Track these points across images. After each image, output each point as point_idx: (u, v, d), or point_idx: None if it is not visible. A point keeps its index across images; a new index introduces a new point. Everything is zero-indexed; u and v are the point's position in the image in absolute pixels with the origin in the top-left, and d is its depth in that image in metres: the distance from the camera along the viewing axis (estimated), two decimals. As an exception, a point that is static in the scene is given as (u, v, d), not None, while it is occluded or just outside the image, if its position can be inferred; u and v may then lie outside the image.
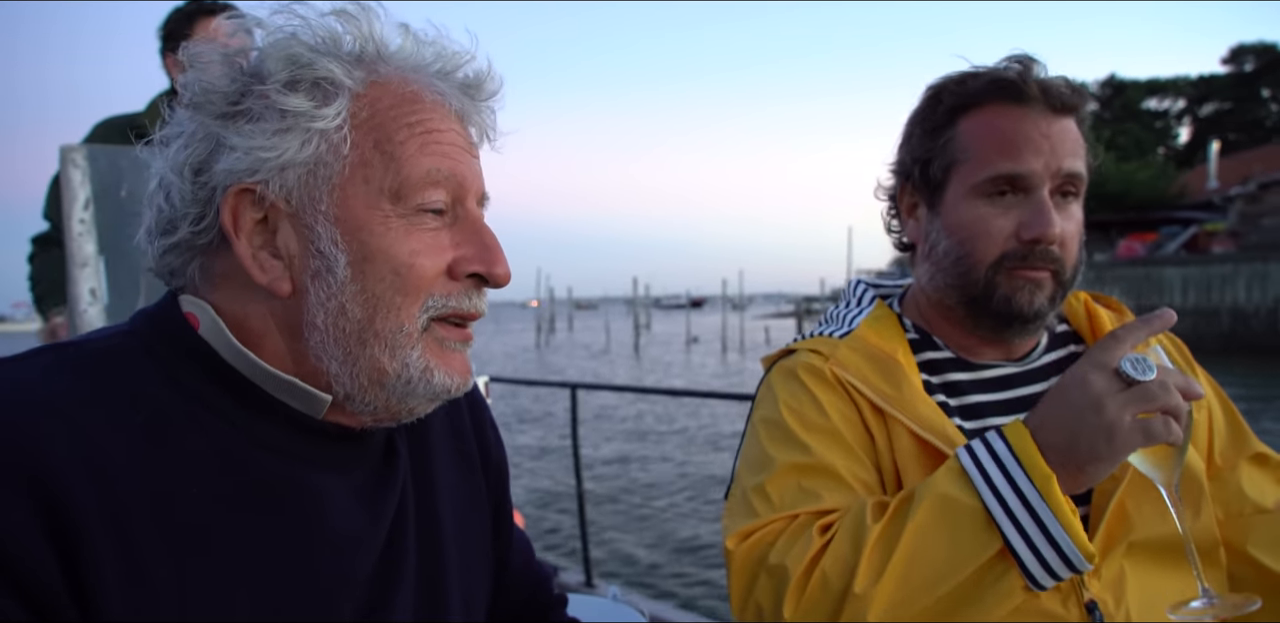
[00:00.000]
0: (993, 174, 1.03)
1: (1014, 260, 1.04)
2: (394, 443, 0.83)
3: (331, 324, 0.70)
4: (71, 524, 0.57)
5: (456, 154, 0.74)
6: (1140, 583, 0.97)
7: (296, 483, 0.70)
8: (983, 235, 1.05)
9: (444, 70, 0.77)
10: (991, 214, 1.04)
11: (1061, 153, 1.03)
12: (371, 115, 0.71)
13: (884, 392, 1.04)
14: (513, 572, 1.00)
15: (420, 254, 0.71)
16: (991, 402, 1.09)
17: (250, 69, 0.71)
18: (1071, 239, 1.05)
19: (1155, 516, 0.98)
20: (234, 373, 0.70)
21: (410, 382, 0.72)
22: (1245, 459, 1.12)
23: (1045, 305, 1.05)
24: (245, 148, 0.68)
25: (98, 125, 2.36)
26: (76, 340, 0.70)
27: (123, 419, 0.63)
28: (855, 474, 1.01)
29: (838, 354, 1.09)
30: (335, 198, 0.70)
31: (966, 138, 1.06)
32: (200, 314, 0.72)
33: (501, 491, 0.99)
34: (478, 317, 0.77)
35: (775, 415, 1.07)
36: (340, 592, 0.72)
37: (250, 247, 0.70)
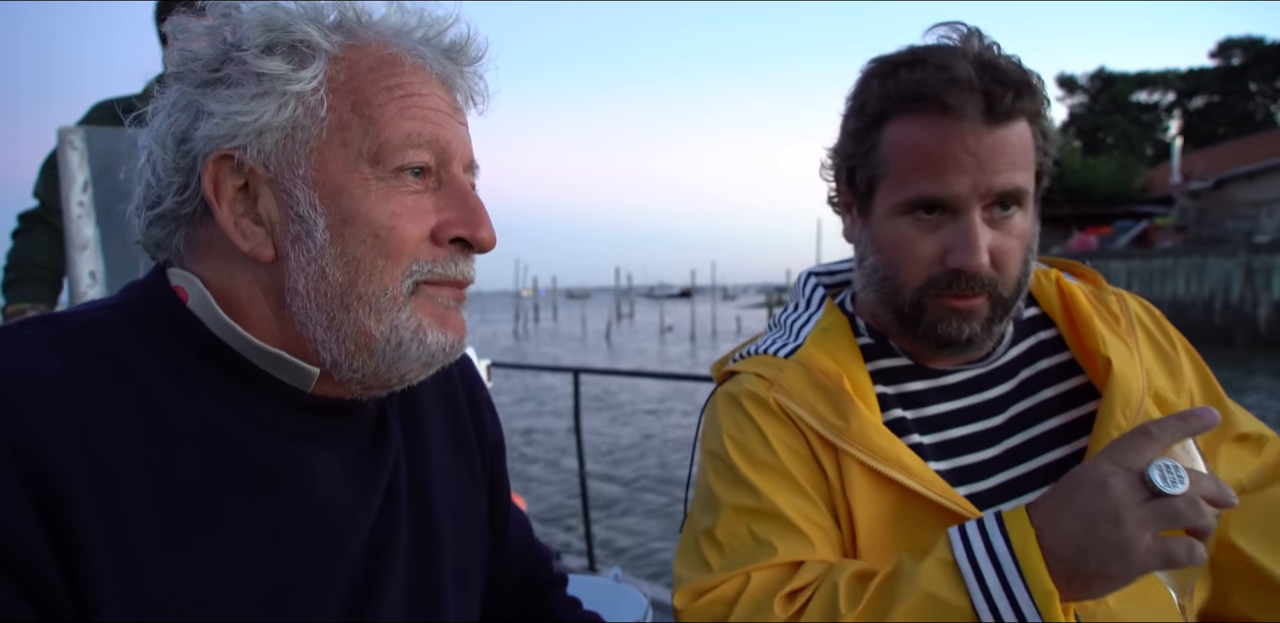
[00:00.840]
0: (911, 196, 0.94)
1: (940, 287, 0.95)
2: (386, 418, 0.82)
3: (313, 289, 0.69)
4: (61, 498, 0.56)
5: (438, 118, 0.73)
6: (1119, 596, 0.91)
7: (286, 456, 0.70)
8: (907, 259, 0.96)
9: (426, 36, 0.76)
10: (914, 237, 0.95)
11: (994, 169, 0.91)
12: (349, 78, 0.71)
13: (832, 424, 0.96)
14: (510, 549, 1.00)
15: (401, 217, 0.70)
16: (954, 410, 1.02)
17: (230, 38, 0.71)
18: (1010, 255, 0.95)
19: None
20: (222, 346, 0.70)
21: (401, 344, 0.72)
22: (1228, 441, 1.05)
23: (979, 332, 0.97)
24: (223, 113, 0.68)
25: (94, 107, 2.34)
26: (63, 313, 0.69)
27: (111, 393, 0.63)
28: (807, 516, 0.94)
29: (782, 380, 1.01)
30: (313, 161, 0.69)
31: (888, 150, 0.96)
32: (189, 287, 0.71)
33: (498, 468, 0.99)
34: (466, 284, 0.76)
35: (720, 449, 1.00)
36: (332, 565, 0.72)
37: (232, 214, 0.70)
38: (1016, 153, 0.93)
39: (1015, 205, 0.96)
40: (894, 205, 0.96)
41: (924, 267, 0.96)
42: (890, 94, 0.95)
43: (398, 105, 0.71)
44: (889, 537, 0.94)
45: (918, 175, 0.94)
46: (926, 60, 0.94)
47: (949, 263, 0.94)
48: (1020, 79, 0.93)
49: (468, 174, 0.78)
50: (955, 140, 0.91)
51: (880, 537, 0.94)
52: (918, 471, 0.93)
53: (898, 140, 0.96)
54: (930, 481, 0.93)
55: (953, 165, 0.92)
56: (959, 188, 0.92)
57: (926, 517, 0.92)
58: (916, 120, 0.94)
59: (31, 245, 2.27)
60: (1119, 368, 0.99)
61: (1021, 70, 0.94)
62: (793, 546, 0.91)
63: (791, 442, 0.98)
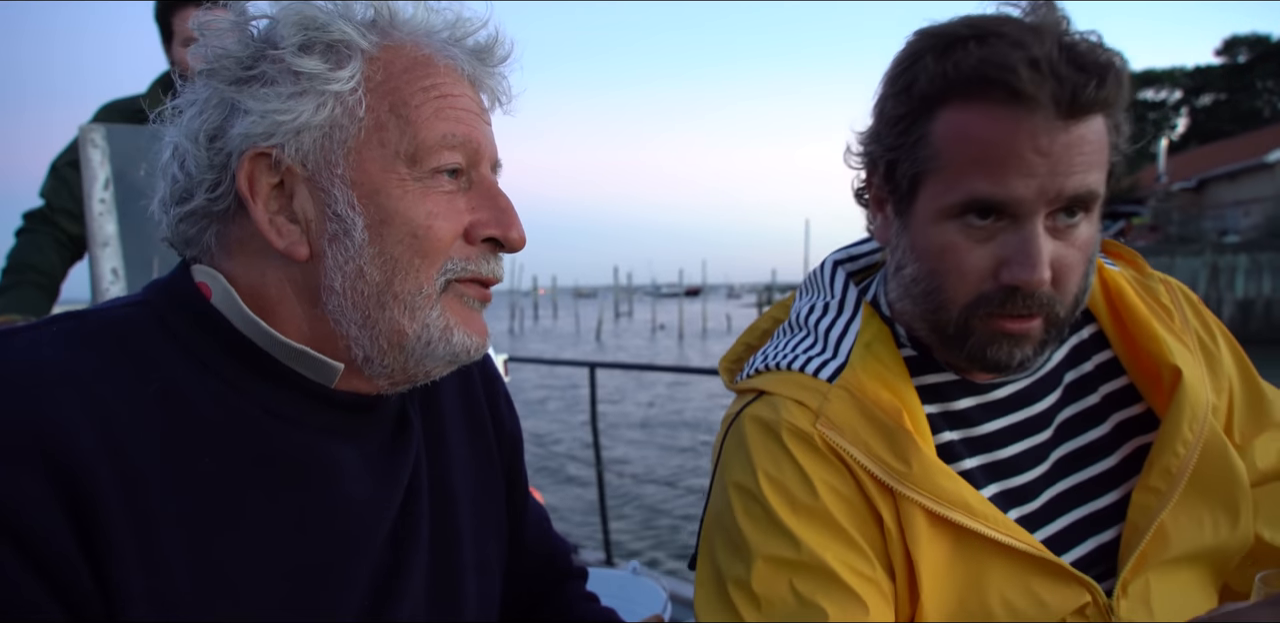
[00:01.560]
0: (965, 197, 0.81)
1: (992, 306, 0.83)
2: (406, 412, 0.83)
3: (350, 287, 0.70)
4: (86, 494, 0.57)
5: (470, 119, 0.74)
6: (1164, 593, 0.88)
7: (309, 450, 0.71)
8: (954, 272, 0.83)
9: (454, 36, 0.77)
10: (965, 246, 0.82)
11: (1067, 171, 0.78)
12: (386, 78, 0.71)
13: (891, 467, 0.85)
14: (528, 542, 1.01)
15: (437, 216, 0.71)
16: (1003, 428, 0.93)
17: (262, 35, 0.71)
18: (1072, 269, 0.83)
19: (1194, 530, 0.89)
20: (246, 342, 0.70)
21: (430, 342, 0.73)
22: (1270, 429, 0.98)
23: (1031, 356, 0.86)
24: (261, 111, 0.68)
25: (101, 109, 2.34)
26: (90, 310, 0.70)
27: (136, 389, 0.63)
28: (856, 570, 0.83)
29: (829, 410, 0.88)
30: (351, 161, 0.70)
31: (940, 142, 0.82)
32: (212, 284, 0.72)
33: (515, 461, 1.00)
34: (496, 281, 0.77)
35: (752, 486, 0.88)
36: (355, 558, 0.72)
37: (267, 211, 0.70)
38: (1093, 151, 0.80)
39: (1083, 211, 0.83)
40: (943, 207, 0.83)
41: (974, 282, 0.83)
42: (948, 74, 0.80)
43: (433, 107, 0.72)
44: (947, 578, 0.87)
45: (975, 173, 0.80)
46: (998, 34, 0.78)
47: (1003, 278, 0.81)
48: (1106, 64, 0.78)
49: (494, 172, 0.79)
50: (1025, 136, 0.77)
51: (939, 580, 0.86)
52: (980, 510, 0.85)
53: (954, 131, 0.81)
54: (994, 519, 0.86)
55: (1018, 165, 0.78)
56: (1023, 191, 0.78)
57: (985, 553, 0.86)
58: (980, 108, 0.79)
59: (31, 247, 2.24)
60: (1189, 379, 0.90)
61: (1106, 52, 0.79)
62: (842, 607, 0.81)
63: (838, 485, 0.86)
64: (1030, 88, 0.76)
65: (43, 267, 2.21)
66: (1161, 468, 0.89)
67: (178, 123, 0.73)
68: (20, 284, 2.18)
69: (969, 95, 0.79)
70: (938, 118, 0.82)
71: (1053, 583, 0.85)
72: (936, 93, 0.81)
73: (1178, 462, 0.88)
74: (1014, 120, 0.77)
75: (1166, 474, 0.88)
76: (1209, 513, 0.89)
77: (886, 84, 0.87)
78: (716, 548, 0.89)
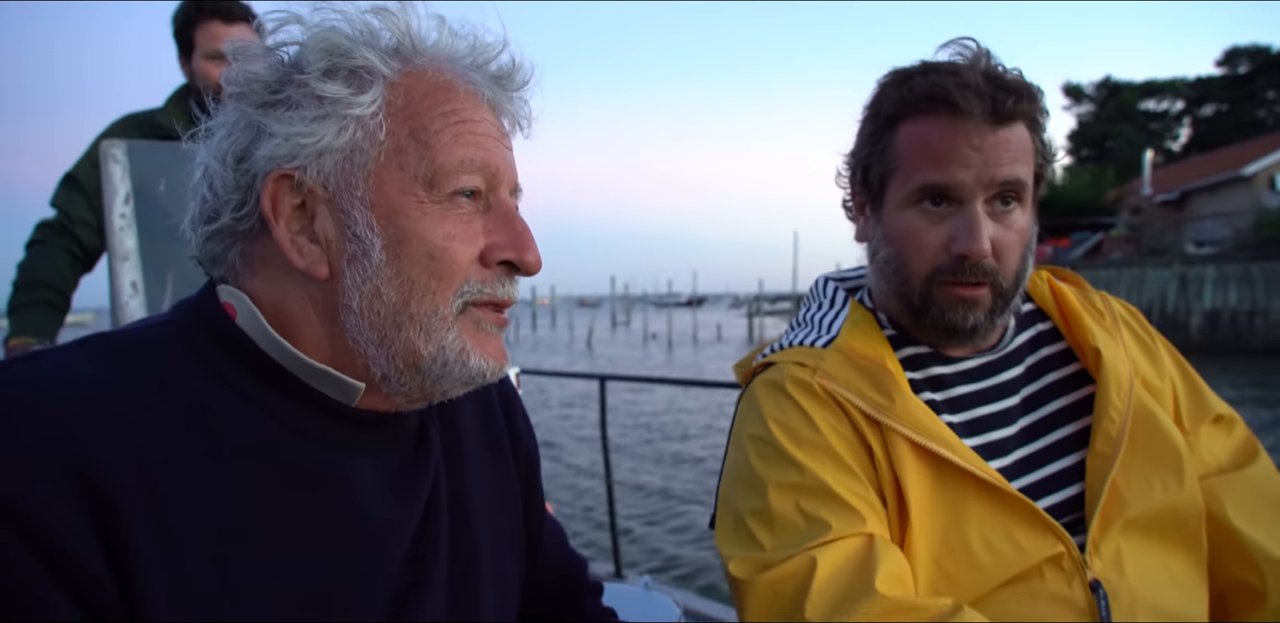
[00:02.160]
0: (919, 184, 1.02)
1: (946, 275, 1.03)
2: (426, 429, 0.84)
3: (367, 307, 0.71)
4: (114, 511, 0.58)
5: (489, 144, 0.76)
6: (1136, 559, 0.99)
7: (331, 468, 0.72)
8: (915, 248, 1.04)
9: (476, 62, 0.78)
10: (923, 226, 1.03)
11: (997, 163, 1.00)
12: (407, 103, 0.73)
13: (878, 402, 1.02)
14: (545, 557, 1.02)
15: (454, 238, 0.73)
16: (975, 391, 1.10)
17: (290, 61, 0.73)
18: (1010, 247, 1.03)
19: (1145, 490, 1.02)
20: (269, 361, 0.72)
21: (446, 364, 0.74)
22: (1207, 423, 1.14)
23: (983, 320, 1.04)
24: (284, 134, 0.70)
25: (119, 121, 2.33)
26: (120, 331, 0.72)
27: (163, 408, 0.65)
28: (853, 491, 0.98)
29: (824, 366, 1.06)
30: (371, 183, 0.72)
31: (900, 146, 1.05)
32: (237, 304, 0.73)
33: (532, 477, 1.00)
34: (510, 304, 0.78)
35: (763, 432, 1.04)
36: (375, 575, 0.73)
37: (289, 231, 0.72)
38: (1017, 150, 1.02)
39: (1015, 200, 1.04)
40: (903, 196, 1.04)
41: (931, 255, 1.03)
42: (904, 98, 1.04)
43: (452, 131, 0.73)
44: (931, 511, 0.99)
45: (925, 166, 1.02)
46: (938, 69, 1.04)
47: (954, 250, 1.01)
48: (1022, 87, 1.02)
49: (513, 197, 0.80)
50: (961, 137, 1.00)
51: (926, 512, 0.99)
52: (957, 446, 1.00)
53: (910, 137, 1.04)
54: (969, 456, 1.00)
55: (958, 158, 1.00)
56: (963, 177, 1.00)
57: (965, 489, 0.99)
58: (927, 120, 1.02)
59: (44, 262, 2.21)
60: (1107, 356, 1.09)
61: (1023, 81, 1.04)
62: (843, 520, 0.95)
63: (836, 423, 1.03)
64: (963, 102, 0.99)
65: (57, 283, 2.19)
66: (1103, 433, 1.04)
67: (208, 144, 0.75)
68: (34, 304, 2.16)
69: (920, 111, 1.03)
70: (899, 130, 1.06)
71: (1028, 528, 0.98)
72: (897, 112, 1.05)
73: (1114, 427, 1.04)
74: (953, 126, 1.01)
75: (1108, 438, 1.04)
76: (1156, 474, 1.03)
77: (863, 110, 1.12)
78: (734, 493, 1.04)
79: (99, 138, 2.27)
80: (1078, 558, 0.97)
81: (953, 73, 1.02)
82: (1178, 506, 1.03)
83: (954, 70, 1.02)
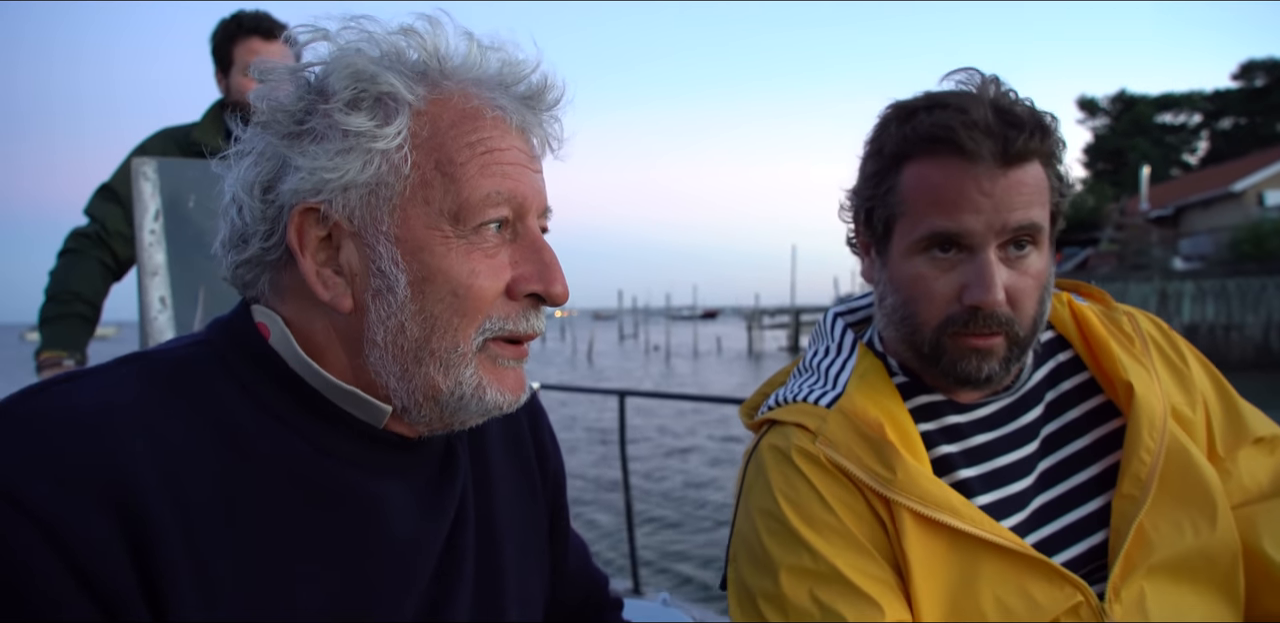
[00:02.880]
0: (927, 232, 0.96)
1: (958, 325, 0.97)
2: (454, 449, 0.84)
3: (390, 342, 0.72)
4: (147, 534, 0.59)
5: (517, 173, 0.74)
6: (1160, 602, 0.95)
7: (360, 488, 0.72)
8: (924, 297, 0.98)
9: (505, 82, 0.76)
10: (932, 275, 0.98)
11: (1009, 207, 0.94)
12: (432, 134, 0.72)
13: (879, 475, 0.96)
14: (569, 575, 1.02)
15: (480, 275, 0.72)
16: (995, 440, 1.04)
17: (315, 85, 0.73)
18: (1026, 294, 0.97)
19: (1174, 534, 0.97)
20: (301, 383, 0.73)
21: (463, 398, 0.74)
22: (1247, 445, 1.07)
23: (998, 370, 0.99)
24: (309, 168, 0.70)
25: (155, 135, 2.37)
26: (156, 350, 0.73)
27: (196, 426, 0.66)
28: (870, 574, 0.94)
29: (826, 431, 1.01)
30: (396, 218, 0.71)
31: (905, 190, 0.99)
32: (271, 325, 0.74)
33: (558, 495, 1.00)
34: (533, 337, 0.77)
35: (773, 507, 0.99)
36: (401, 593, 0.73)
37: (314, 263, 0.72)
38: (1031, 192, 0.96)
39: (1030, 244, 0.98)
40: (910, 243, 0.99)
41: (942, 305, 0.98)
42: (908, 137, 0.98)
43: (479, 163, 0.72)
44: (941, 578, 0.95)
45: (933, 212, 0.96)
46: (944, 104, 0.97)
47: (965, 300, 0.96)
48: (1035, 122, 0.95)
49: (542, 219, 0.79)
50: (970, 181, 0.94)
51: (932, 579, 0.95)
52: (966, 512, 0.95)
53: (915, 181, 0.98)
54: (979, 520, 0.95)
55: (968, 204, 0.94)
56: (973, 224, 0.94)
57: (977, 552, 0.94)
58: (933, 162, 0.96)
59: (76, 272, 2.23)
60: (1140, 392, 1.02)
61: (1035, 113, 0.97)
62: (858, 610, 0.91)
63: (847, 498, 0.98)
64: (970, 143, 0.93)
65: (88, 295, 2.21)
66: (1131, 475, 0.98)
67: (236, 170, 0.75)
68: (66, 316, 2.18)
69: (925, 152, 0.97)
70: (903, 171, 0.99)
71: (1044, 583, 0.93)
72: (901, 151, 0.99)
73: (1144, 468, 0.98)
74: (961, 169, 0.94)
75: (1136, 480, 0.98)
76: (1186, 517, 0.97)
77: (864, 147, 1.05)
78: (743, 568, 0.99)
79: (135, 151, 2.31)
80: (1096, 606, 0.93)
81: (960, 109, 0.95)
82: (1209, 548, 0.97)
83: (961, 106, 0.96)
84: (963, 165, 0.94)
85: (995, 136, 0.93)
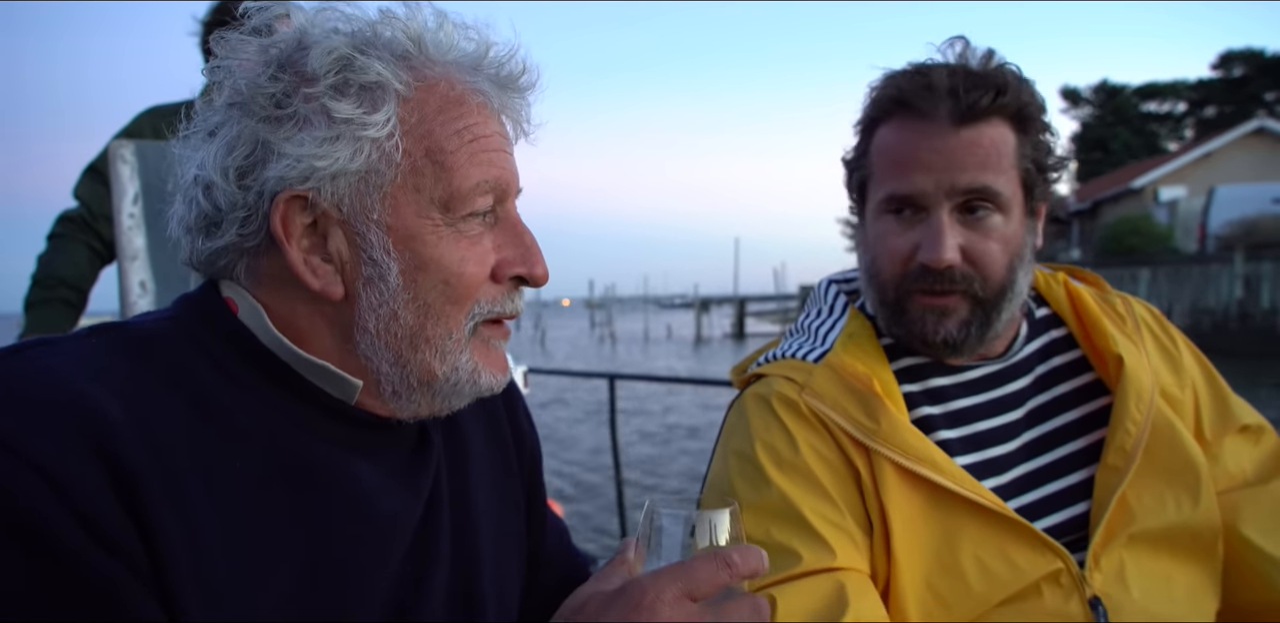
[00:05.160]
0: (885, 194, 1.01)
1: (915, 282, 1.00)
2: (427, 429, 0.84)
3: (383, 329, 0.72)
4: (137, 491, 0.59)
5: (501, 160, 0.75)
6: (1140, 572, 0.97)
7: (333, 463, 0.72)
8: (885, 254, 1.02)
9: (483, 65, 0.77)
10: (892, 232, 1.01)
11: (961, 167, 0.96)
12: (420, 120, 0.72)
13: (863, 425, 0.98)
14: (548, 554, 1.02)
15: (468, 262, 0.73)
16: (979, 404, 1.06)
17: (293, 66, 0.70)
18: (988, 255, 0.98)
19: (1156, 506, 0.99)
20: (270, 356, 0.72)
21: (458, 384, 0.75)
22: (1232, 433, 1.09)
23: (956, 331, 1.00)
24: (296, 155, 0.68)
25: (143, 113, 2.32)
26: (124, 323, 0.72)
27: (170, 396, 0.65)
28: (828, 519, 0.96)
29: (813, 383, 1.03)
30: (387, 206, 0.71)
31: (874, 153, 1.04)
32: (239, 299, 0.73)
33: (535, 475, 1.01)
34: (516, 316, 0.79)
35: (747, 449, 1.02)
36: (377, 569, 0.74)
37: (301, 252, 0.71)
38: (987, 154, 0.96)
39: (988, 207, 0.99)
40: (876, 203, 1.03)
41: (899, 262, 1.01)
42: (876, 101, 1.03)
43: (468, 151, 0.73)
44: (922, 533, 0.96)
45: (891, 174, 1.00)
46: (914, 71, 1.01)
47: (919, 258, 0.99)
48: (997, 81, 0.96)
49: (515, 197, 0.80)
50: (922, 141, 0.97)
51: (913, 534, 0.96)
52: (947, 467, 0.96)
53: (879, 143, 1.03)
54: (960, 477, 0.96)
55: (918, 164, 0.97)
56: (923, 185, 0.97)
57: (957, 510, 0.96)
58: (895, 124, 1.01)
59: (65, 258, 2.20)
60: (1130, 365, 1.04)
61: (1001, 73, 0.98)
62: (815, 553, 0.93)
63: (819, 446, 1.00)
64: (925, 104, 0.96)
65: (74, 280, 2.19)
66: (1116, 446, 1.00)
67: (205, 149, 0.72)
68: (51, 301, 2.16)
69: (889, 115, 1.01)
70: (875, 135, 1.04)
71: (1025, 547, 0.95)
72: (872, 116, 1.04)
73: (1130, 439, 0.99)
74: (915, 130, 0.98)
75: (1121, 451, 0.99)
76: (1170, 491, 0.99)
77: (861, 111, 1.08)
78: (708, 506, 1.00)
79: (123, 130, 2.26)
80: (1076, 574, 0.95)
81: (919, 73, 0.99)
82: (1191, 524, 0.99)
83: (921, 70, 0.99)
84: (917, 125, 0.98)
85: (952, 96, 0.95)
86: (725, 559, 0.67)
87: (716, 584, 0.67)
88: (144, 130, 2.19)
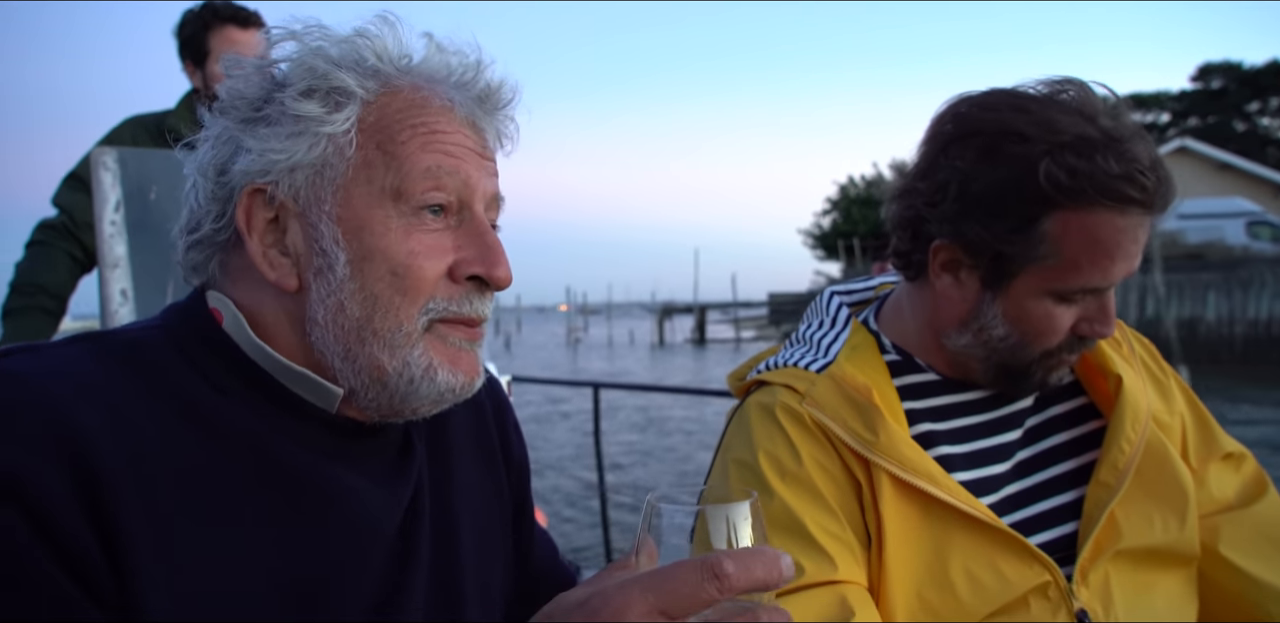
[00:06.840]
0: (1083, 286, 0.96)
1: (1064, 350, 1.02)
2: (410, 439, 0.85)
3: (331, 321, 0.73)
4: (105, 499, 0.59)
5: (461, 153, 0.76)
6: (1125, 588, 0.99)
7: (311, 471, 0.73)
8: (1049, 332, 1.00)
9: (458, 82, 0.79)
10: (1060, 313, 0.99)
11: (1140, 254, 0.97)
12: (379, 119, 0.74)
13: (862, 436, 0.99)
14: (535, 568, 1.01)
15: (419, 255, 0.73)
16: (978, 424, 1.07)
17: (277, 79, 0.75)
18: None
19: (1144, 526, 1.00)
20: (253, 366, 0.73)
21: (412, 381, 0.74)
22: (1215, 461, 1.13)
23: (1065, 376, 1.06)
24: (259, 150, 0.72)
25: (124, 122, 2.34)
26: (110, 332, 0.74)
27: (152, 403, 0.66)
28: (829, 531, 0.97)
29: (814, 393, 1.03)
30: (339, 198, 0.73)
31: (1059, 241, 0.93)
32: (224, 310, 0.75)
33: (523, 488, 1.00)
34: (480, 321, 0.78)
35: (749, 459, 1.03)
36: (353, 577, 0.74)
37: (261, 244, 0.73)
38: None
39: None
40: (1055, 290, 0.97)
41: (1059, 337, 1.01)
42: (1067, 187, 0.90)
43: (420, 141, 0.74)
44: (915, 545, 0.97)
45: (1092, 268, 0.94)
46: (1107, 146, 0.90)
47: (1080, 331, 1.00)
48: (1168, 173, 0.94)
49: (490, 211, 0.80)
50: (1129, 235, 0.93)
51: (906, 545, 0.97)
52: (943, 480, 0.98)
53: (1073, 233, 0.93)
54: (954, 490, 0.97)
55: (1122, 256, 0.95)
56: (1122, 275, 0.96)
57: (950, 522, 0.97)
58: (1099, 216, 0.91)
59: (44, 265, 2.20)
60: (1128, 384, 1.05)
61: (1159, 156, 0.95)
62: (817, 565, 0.94)
63: (821, 458, 1.01)
64: (1143, 197, 0.91)
65: (53, 288, 2.18)
66: (1109, 463, 1.02)
67: (195, 156, 0.77)
68: (29, 309, 2.15)
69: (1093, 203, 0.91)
70: (1053, 218, 0.93)
71: (1015, 559, 0.96)
72: (1058, 197, 0.91)
73: (1124, 457, 1.01)
74: (1124, 222, 0.92)
75: (1114, 469, 1.01)
76: (1158, 513, 1.01)
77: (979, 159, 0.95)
78: None
79: (103, 139, 2.27)
80: (1064, 588, 0.96)
81: (1130, 158, 0.90)
82: (1176, 545, 1.01)
83: (1130, 155, 0.90)
84: (1133, 217, 0.92)
85: (1158, 189, 0.92)
86: (714, 569, 0.52)
87: (699, 600, 0.52)
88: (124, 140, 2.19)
